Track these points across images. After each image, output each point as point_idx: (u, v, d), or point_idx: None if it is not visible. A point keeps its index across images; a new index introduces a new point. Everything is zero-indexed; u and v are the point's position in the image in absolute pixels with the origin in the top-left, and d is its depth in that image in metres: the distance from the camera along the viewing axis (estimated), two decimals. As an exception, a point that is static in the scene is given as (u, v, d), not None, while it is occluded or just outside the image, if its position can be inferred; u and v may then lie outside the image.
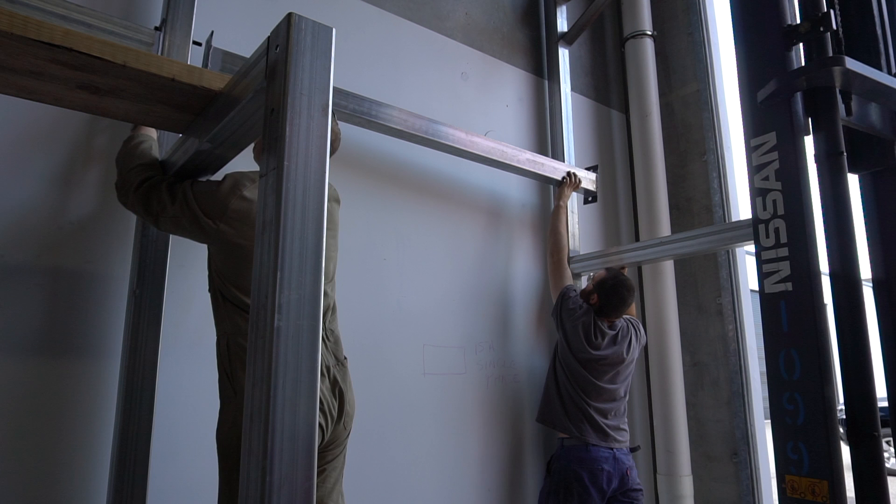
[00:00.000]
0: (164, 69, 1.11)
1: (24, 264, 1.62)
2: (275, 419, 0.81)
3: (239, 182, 1.45)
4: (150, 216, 1.46)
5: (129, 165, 1.50)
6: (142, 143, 1.57)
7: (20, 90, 1.19)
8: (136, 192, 1.45)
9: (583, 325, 2.39)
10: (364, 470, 2.13)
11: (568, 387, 2.39)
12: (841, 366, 1.69)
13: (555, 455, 2.39)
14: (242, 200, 1.42)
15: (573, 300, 2.46)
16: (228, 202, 1.41)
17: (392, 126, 2.23)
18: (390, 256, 2.37)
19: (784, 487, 1.70)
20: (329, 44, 0.97)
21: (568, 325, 2.41)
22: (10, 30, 0.97)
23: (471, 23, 2.92)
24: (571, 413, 2.35)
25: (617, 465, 2.29)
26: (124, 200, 1.50)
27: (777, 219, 1.80)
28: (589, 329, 2.39)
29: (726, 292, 3.17)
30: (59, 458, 1.59)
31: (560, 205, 2.78)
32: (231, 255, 1.42)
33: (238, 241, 1.40)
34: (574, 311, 2.42)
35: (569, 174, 2.84)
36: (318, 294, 0.89)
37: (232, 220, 1.40)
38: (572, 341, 2.39)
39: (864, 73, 1.68)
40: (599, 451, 2.29)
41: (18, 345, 1.58)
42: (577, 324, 2.39)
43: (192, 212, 1.41)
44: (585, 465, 2.25)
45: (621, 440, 2.37)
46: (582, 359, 2.38)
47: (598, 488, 2.23)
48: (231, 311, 1.41)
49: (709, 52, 3.39)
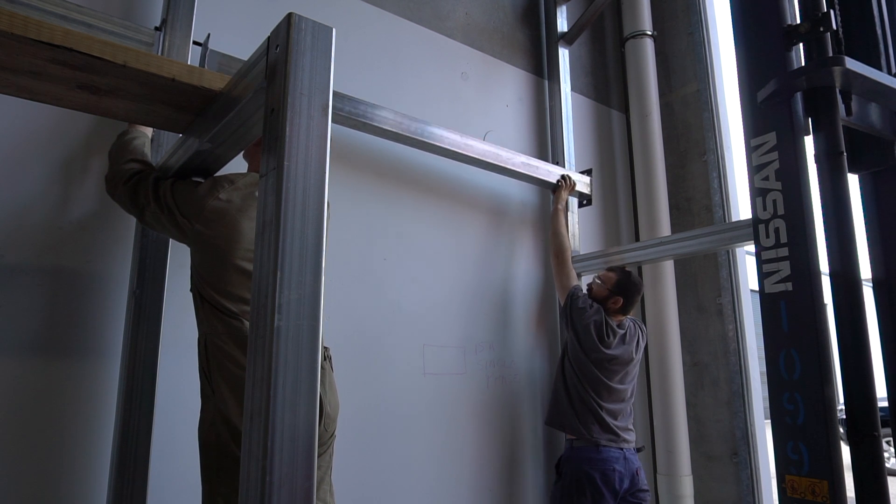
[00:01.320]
0: (164, 69, 1.11)
1: (24, 264, 1.62)
2: (275, 419, 0.81)
3: (218, 183, 1.45)
4: (135, 209, 1.47)
5: (122, 158, 1.52)
6: (136, 139, 1.58)
7: (20, 90, 1.19)
8: (125, 185, 1.47)
9: (594, 324, 2.37)
10: (364, 470, 2.13)
11: (578, 387, 2.38)
12: (841, 366, 1.69)
13: (563, 457, 2.38)
14: (219, 201, 1.42)
15: (582, 299, 2.45)
16: (205, 203, 1.41)
17: (386, 129, 2.22)
18: (390, 256, 2.37)
19: (784, 487, 1.70)
20: (329, 44, 0.97)
21: (579, 324, 2.40)
22: (10, 30, 0.97)
23: (471, 23, 2.92)
24: (581, 414, 2.34)
25: (627, 466, 2.29)
26: (112, 192, 1.51)
27: (777, 219, 1.80)
28: (601, 328, 2.38)
29: (726, 292, 3.17)
30: (59, 458, 1.59)
31: (558, 208, 2.78)
32: (206, 256, 1.42)
33: (214, 242, 1.40)
34: (584, 310, 2.41)
35: (564, 177, 2.84)
36: (318, 294, 0.89)
37: (208, 220, 1.40)
38: (584, 341, 2.38)
39: (864, 73, 1.68)
40: (610, 452, 2.28)
41: (18, 345, 1.58)
42: (589, 322, 2.38)
43: (170, 210, 1.42)
44: (597, 465, 2.25)
45: (630, 440, 2.37)
46: (595, 359, 2.37)
47: (610, 489, 2.23)
48: (208, 312, 1.41)
49: (709, 52, 3.39)
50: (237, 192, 1.45)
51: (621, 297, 2.42)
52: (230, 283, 1.39)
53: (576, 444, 2.33)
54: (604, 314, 2.41)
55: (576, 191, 2.90)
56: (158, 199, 1.43)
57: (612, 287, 2.46)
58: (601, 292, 2.48)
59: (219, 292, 1.39)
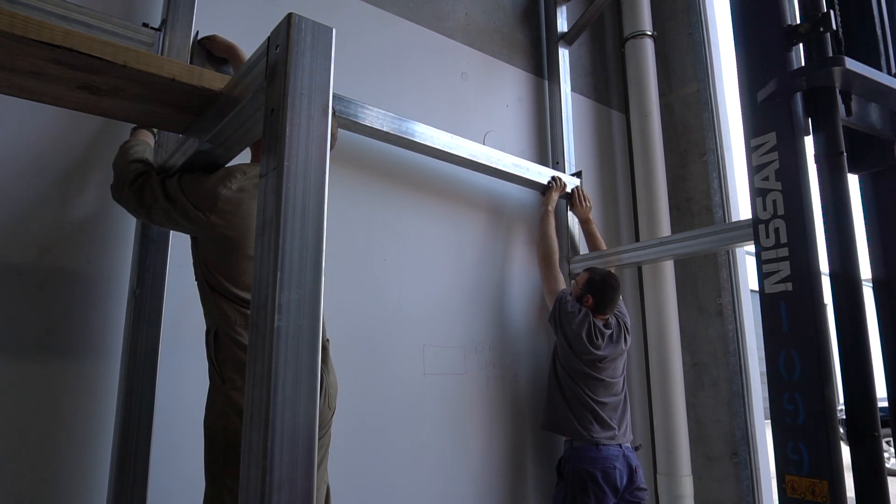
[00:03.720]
0: (165, 69, 1.11)
1: (24, 264, 1.62)
2: (275, 419, 0.81)
3: (230, 173, 1.45)
4: (142, 208, 1.47)
5: (126, 161, 1.52)
6: (137, 146, 1.59)
7: (20, 90, 1.19)
8: (130, 187, 1.46)
9: (584, 327, 2.39)
10: (364, 470, 2.13)
11: (573, 387, 2.39)
12: (841, 366, 1.69)
13: (564, 457, 2.39)
14: (232, 192, 1.42)
15: (571, 304, 2.47)
16: (218, 193, 1.41)
17: (376, 128, 2.22)
18: (390, 256, 2.37)
19: (784, 487, 1.70)
20: (329, 44, 0.97)
21: (568, 329, 2.42)
22: (10, 30, 0.97)
23: (471, 23, 2.92)
24: (579, 414, 2.35)
25: (627, 463, 2.32)
26: (119, 196, 1.51)
27: (777, 219, 1.80)
28: (590, 331, 2.40)
29: (726, 292, 3.17)
30: (59, 458, 1.59)
31: (548, 210, 2.79)
32: (220, 247, 1.42)
33: (228, 233, 1.40)
34: (573, 314, 2.43)
35: (554, 179, 2.84)
36: (318, 294, 0.89)
37: (223, 211, 1.40)
38: (574, 344, 2.40)
39: (864, 74, 1.68)
40: (609, 450, 2.30)
41: (18, 345, 1.58)
42: (580, 327, 2.39)
43: (182, 204, 1.41)
44: (598, 464, 2.27)
45: (627, 436, 2.40)
46: (586, 360, 2.39)
47: (611, 486, 2.25)
48: (219, 301, 1.41)
49: (709, 52, 3.39)
50: (249, 182, 1.45)
51: (591, 296, 2.45)
52: (244, 273, 1.40)
53: (575, 444, 2.34)
54: (591, 317, 2.43)
55: (565, 192, 2.91)
56: (168, 196, 1.42)
57: (583, 286, 2.50)
58: (575, 292, 2.52)
59: (232, 282, 1.40)
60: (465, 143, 2.50)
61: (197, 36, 1.86)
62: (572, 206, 2.94)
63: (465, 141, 2.50)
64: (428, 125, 2.38)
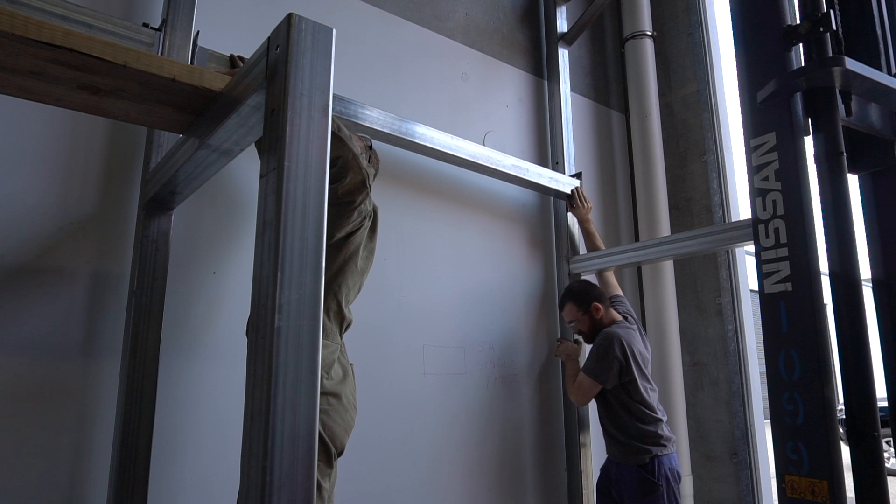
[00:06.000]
0: (165, 69, 1.11)
1: (25, 264, 1.62)
2: (275, 419, 0.81)
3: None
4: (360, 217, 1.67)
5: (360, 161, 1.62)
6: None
7: (20, 90, 1.19)
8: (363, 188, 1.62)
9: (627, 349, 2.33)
10: (364, 470, 2.13)
11: (639, 407, 2.34)
12: (841, 366, 1.69)
13: (646, 465, 2.29)
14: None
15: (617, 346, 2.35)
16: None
17: (375, 129, 2.21)
18: (390, 256, 2.37)
19: (784, 487, 1.70)
20: (329, 44, 0.97)
21: (630, 356, 2.33)
22: (10, 30, 0.97)
23: (471, 23, 2.92)
24: (650, 426, 2.31)
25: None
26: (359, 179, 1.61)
27: (777, 219, 1.80)
28: (630, 347, 2.35)
29: (726, 292, 3.17)
30: (59, 458, 1.59)
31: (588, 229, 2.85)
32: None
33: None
34: (630, 346, 2.35)
35: (575, 192, 2.89)
36: (318, 294, 0.89)
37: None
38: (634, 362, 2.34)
39: (864, 74, 1.68)
40: (674, 457, 2.33)
41: (18, 345, 1.58)
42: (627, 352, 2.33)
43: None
44: (674, 471, 2.29)
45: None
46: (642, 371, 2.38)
47: (679, 493, 2.29)
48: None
49: (709, 52, 3.40)
50: None
51: (595, 305, 2.45)
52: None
53: (660, 454, 2.30)
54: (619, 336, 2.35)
55: (563, 194, 2.92)
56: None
57: (581, 318, 2.46)
58: (586, 328, 2.47)
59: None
60: (466, 145, 2.50)
61: (197, 36, 1.86)
62: (572, 207, 2.94)
63: (465, 142, 2.50)
64: (428, 126, 2.38)
